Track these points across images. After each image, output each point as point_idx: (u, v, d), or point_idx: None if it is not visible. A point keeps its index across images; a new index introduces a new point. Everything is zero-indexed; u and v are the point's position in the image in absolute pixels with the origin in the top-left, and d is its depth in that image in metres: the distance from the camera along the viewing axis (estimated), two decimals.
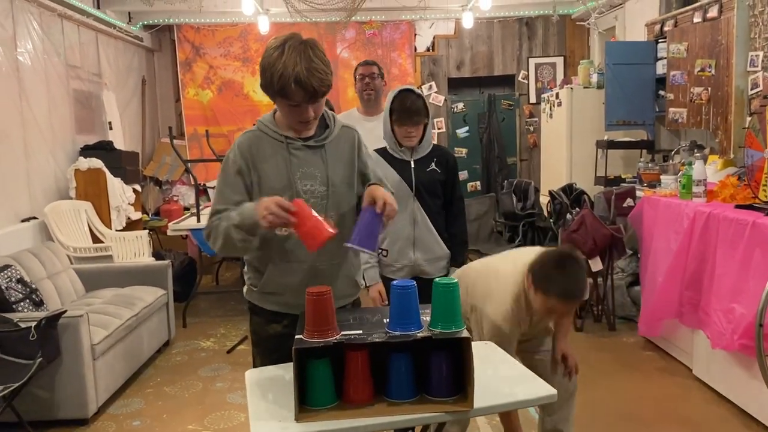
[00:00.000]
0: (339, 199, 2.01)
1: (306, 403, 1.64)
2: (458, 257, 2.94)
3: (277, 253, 2.00)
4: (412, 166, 2.81)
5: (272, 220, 1.75)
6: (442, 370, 1.67)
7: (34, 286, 3.83)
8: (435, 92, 7.93)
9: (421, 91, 2.78)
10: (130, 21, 7.15)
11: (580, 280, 2.28)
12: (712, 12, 4.63)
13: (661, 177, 4.66)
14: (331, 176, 1.99)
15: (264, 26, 6.93)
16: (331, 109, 4.50)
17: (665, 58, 5.27)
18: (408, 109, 2.72)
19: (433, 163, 2.83)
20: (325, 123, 2.04)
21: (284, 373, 1.87)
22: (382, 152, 2.85)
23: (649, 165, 5.18)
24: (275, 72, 1.82)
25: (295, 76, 1.80)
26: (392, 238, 2.84)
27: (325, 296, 1.69)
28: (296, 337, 1.69)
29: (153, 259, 5.59)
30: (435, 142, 3.62)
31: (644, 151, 5.78)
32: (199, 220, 5.27)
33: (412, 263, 2.84)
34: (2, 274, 3.62)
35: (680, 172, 4.19)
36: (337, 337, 1.66)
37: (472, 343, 1.63)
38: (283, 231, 1.91)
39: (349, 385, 1.67)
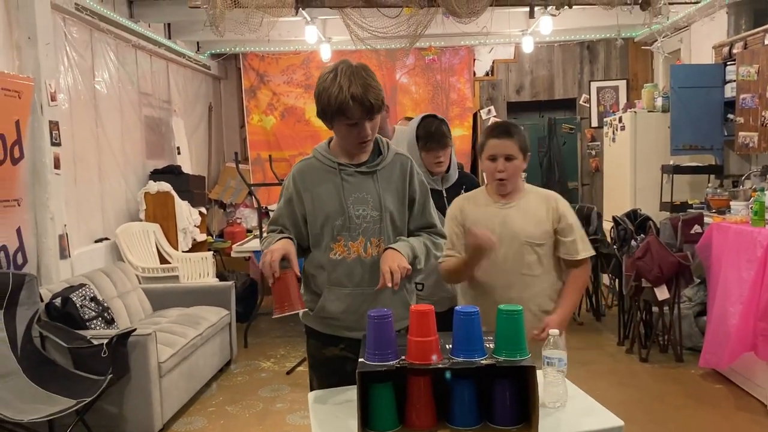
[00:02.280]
0: (392, 224, 2.06)
1: (369, 427, 1.65)
2: None
3: (331, 278, 2.05)
4: (445, 195, 2.70)
5: (265, 271, 1.93)
6: (506, 397, 1.65)
7: (105, 304, 3.99)
8: (494, 116, 7.92)
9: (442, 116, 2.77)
10: (198, 50, 7.46)
11: (506, 122, 2.50)
12: None
13: (731, 203, 4.51)
14: (383, 202, 2.04)
15: (326, 54, 7.10)
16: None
17: (734, 80, 5.12)
18: (434, 134, 2.65)
19: (462, 191, 2.71)
20: (379, 150, 2.09)
21: (346, 395, 1.89)
22: None
23: (718, 190, 5.02)
24: (332, 94, 1.91)
25: (351, 94, 1.89)
26: (427, 271, 2.53)
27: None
28: (359, 360, 1.71)
29: (217, 279, 5.74)
30: None
31: (712, 176, 5.60)
32: (261, 243, 5.39)
33: (450, 295, 2.67)
34: (77, 292, 3.79)
35: (752, 198, 4.05)
36: (400, 361, 1.66)
37: (537, 372, 1.61)
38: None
39: (411, 409, 1.68)
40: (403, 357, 1.69)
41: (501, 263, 2.31)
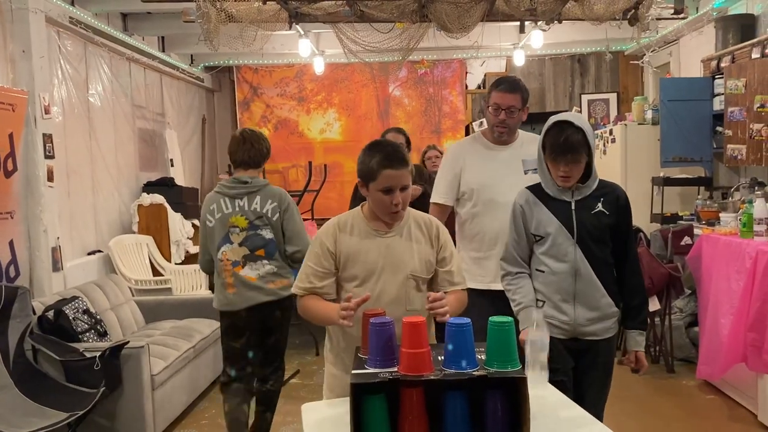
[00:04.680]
0: None
1: None
2: (636, 317, 2.41)
3: None
4: (573, 207, 2.35)
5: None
6: (498, 409, 1.67)
7: (98, 317, 3.99)
8: (486, 129, 7.96)
9: (582, 121, 2.31)
10: (192, 63, 7.48)
11: (396, 146, 2.13)
12: None
13: (721, 215, 4.55)
14: None
15: (319, 67, 7.14)
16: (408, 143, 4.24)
17: (722, 94, 5.18)
18: (561, 145, 2.26)
19: (599, 204, 2.35)
20: None
21: (339, 407, 1.90)
22: (536, 190, 2.42)
23: (708, 202, 5.07)
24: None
25: None
26: (550, 288, 2.38)
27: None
28: (352, 372, 1.72)
29: (210, 292, 5.73)
30: None
31: (702, 188, 5.66)
32: None
33: (572, 321, 2.36)
34: (70, 305, 3.79)
35: (740, 210, 4.09)
36: (393, 373, 1.68)
37: (529, 383, 1.63)
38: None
39: (404, 421, 1.69)
40: (396, 369, 1.70)
41: (385, 300, 2.06)
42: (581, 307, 2.34)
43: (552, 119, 2.34)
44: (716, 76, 5.38)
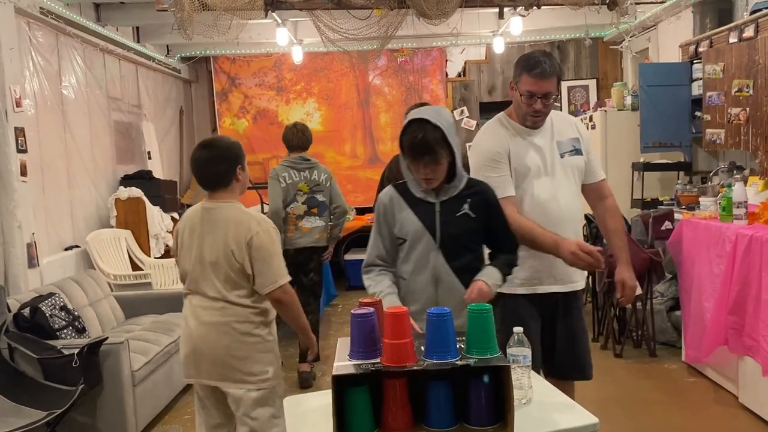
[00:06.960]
0: None
1: (344, 431, 1.64)
2: (498, 261, 2.24)
3: None
4: (437, 209, 2.19)
5: None
6: (481, 398, 1.65)
7: (76, 313, 3.92)
8: (467, 117, 7.96)
9: (442, 118, 2.11)
10: (168, 54, 7.37)
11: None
12: (748, 32, 4.57)
13: (700, 199, 4.58)
14: None
15: (298, 56, 7.07)
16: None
17: (701, 78, 5.21)
18: (418, 146, 2.08)
19: (466, 205, 2.18)
20: None
21: (322, 400, 1.88)
22: (402, 190, 2.26)
23: (687, 187, 5.10)
24: None
25: None
26: (411, 297, 2.21)
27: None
28: (335, 364, 1.70)
29: None
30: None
31: (681, 172, 5.69)
32: None
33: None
34: (47, 301, 3.71)
35: (720, 194, 4.12)
36: (375, 364, 1.66)
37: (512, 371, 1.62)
38: None
39: (387, 412, 1.67)
40: (378, 360, 1.68)
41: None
42: None
43: (409, 116, 2.15)
44: (694, 61, 5.41)
